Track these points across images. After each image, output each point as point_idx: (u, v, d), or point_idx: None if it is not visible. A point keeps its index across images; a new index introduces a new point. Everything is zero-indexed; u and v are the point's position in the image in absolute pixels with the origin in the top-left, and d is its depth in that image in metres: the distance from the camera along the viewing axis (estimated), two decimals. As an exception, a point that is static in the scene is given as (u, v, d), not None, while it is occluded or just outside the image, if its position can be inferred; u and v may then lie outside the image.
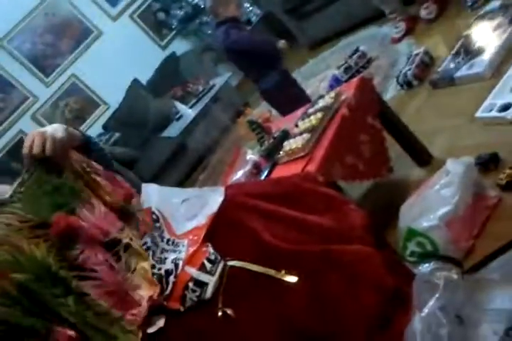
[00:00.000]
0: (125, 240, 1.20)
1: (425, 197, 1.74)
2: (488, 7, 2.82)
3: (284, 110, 2.78)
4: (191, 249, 1.30)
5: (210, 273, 1.22)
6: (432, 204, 1.69)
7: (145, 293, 1.17)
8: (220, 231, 1.38)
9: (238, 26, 3.03)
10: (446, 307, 1.10)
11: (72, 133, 1.20)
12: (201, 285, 1.20)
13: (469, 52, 2.63)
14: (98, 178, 1.23)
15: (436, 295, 1.09)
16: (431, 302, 1.09)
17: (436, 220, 1.63)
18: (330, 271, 1.27)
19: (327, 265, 1.28)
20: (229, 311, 1.17)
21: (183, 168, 4.46)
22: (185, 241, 1.35)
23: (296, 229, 1.39)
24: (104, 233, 1.17)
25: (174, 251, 1.32)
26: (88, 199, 1.19)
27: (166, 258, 1.28)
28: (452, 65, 2.65)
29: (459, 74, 2.55)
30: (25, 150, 1.09)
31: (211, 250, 1.27)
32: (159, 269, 1.24)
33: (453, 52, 2.73)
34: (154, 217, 1.37)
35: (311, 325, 1.20)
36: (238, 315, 1.19)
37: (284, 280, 1.23)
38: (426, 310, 1.07)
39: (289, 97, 2.93)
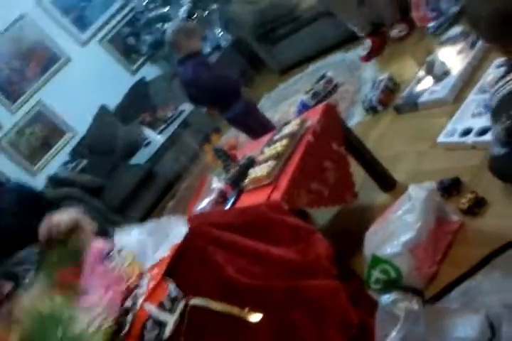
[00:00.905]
0: None
1: (388, 223, 1.75)
2: (450, 33, 2.91)
3: (254, 134, 2.80)
4: (151, 284, 1.27)
5: (170, 311, 1.18)
6: (395, 231, 1.69)
7: None
8: (183, 265, 1.36)
9: (203, 62, 3.04)
10: (407, 338, 1.09)
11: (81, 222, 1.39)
12: (160, 324, 1.17)
13: (432, 77, 2.70)
14: None
15: (398, 327, 1.09)
16: (392, 334, 1.08)
17: (400, 247, 1.64)
18: (295, 308, 1.26)
19: (292, 301, 1.26)
20: (191, 352, 1.14)
21: (152, 195, 4.42)
22: (148, 275, 1.32)
23: (261, 263, 1.38)
24: None
25: (137, 287, 1.30)
26: None
27: (128, 295, 1.25)
28: (415, 90, 2.71)
29: (421, 99, 2.60)
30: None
31: (172, 287, 1.25)
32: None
33: (416, 77, 2.80)
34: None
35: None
36: (200, 356, 1.16)
37: (247, 319, 1.22)
38: (387, 343, 1.06)
39: (256, 121, 2.96)
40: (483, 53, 2.53)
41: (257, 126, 2.91)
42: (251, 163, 2.16)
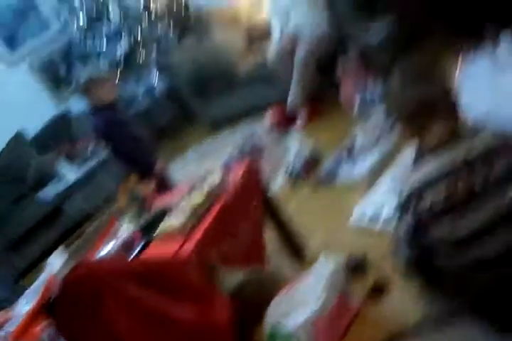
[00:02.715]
0: None
1: (294, 293, 1.73)
2: (373, 117, 3.08)
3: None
4: (24, 317, 1.18)
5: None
6: (300, 302, 1.67)
7: None
8: (73, 313, 1.27)
9: (115, 119, 2.96)
10: None
11: None
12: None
13: (351, 155, 2.83)
14: None
15: None
16: None
17: (302, 319, 1.61)
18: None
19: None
20: None
21: (56, 233, 4.12)
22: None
23: (158, 322, 1.32)
24: None
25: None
26: None
27: None
28: (335, 166, 2.81)
29: (340, 175, 2.70)
30: None
31: (51, 329, 1.16)
32: None
33: (337, 153, 2.92)
34: None
35: None
36: None
37: None
38: None
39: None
40: (400, 139, 2.69)
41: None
42: (166, 212, 2.10)
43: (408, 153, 2.40)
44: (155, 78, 5.48)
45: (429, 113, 1.39)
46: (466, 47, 2.66)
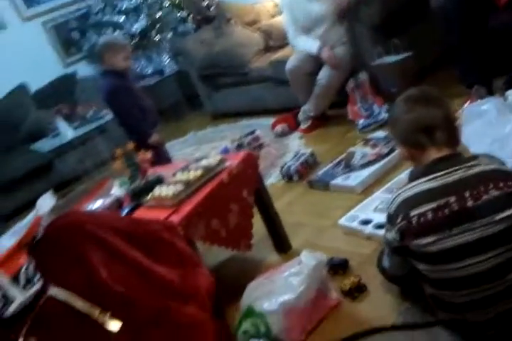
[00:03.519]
0: None
1: (273, 280, 1.72)
2: (375, 134, 3.11)
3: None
4: (7, 250, 1.16)
5: (23, 289, 1.06)
6: (277, 289, 1.67)
7: None
8: (57, 255, 1.26)
9: (122, 85, 2.98)
10: None
11: None
12: (7, 299, 1.03)
13: (348, 166, 2.84)
14: None
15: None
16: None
17: (277, 305, 1.61)
18: (158, 328, 1.19)
19: (158, 320, 1.20)
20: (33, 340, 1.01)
21: (42, 187, 3.91)
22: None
23: (139, 275, 1.31)
24: None
25: None
26: None
27: None
28: (331, 173, 2.82)
29: (334, 182, 2.71)
30: None
31: (31, 265, 1.13)
32: None
33: (335, 161, 2.93)
34: None
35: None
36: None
37: (104, 325, 1.12)
38: None
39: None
40: (399, 159, 2.70)
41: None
42: (159, 180, 2.09)
43: (406, 172, 2.43)
44: (166, 60, 5.46)
45: (427, 136, 1.40)
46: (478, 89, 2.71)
